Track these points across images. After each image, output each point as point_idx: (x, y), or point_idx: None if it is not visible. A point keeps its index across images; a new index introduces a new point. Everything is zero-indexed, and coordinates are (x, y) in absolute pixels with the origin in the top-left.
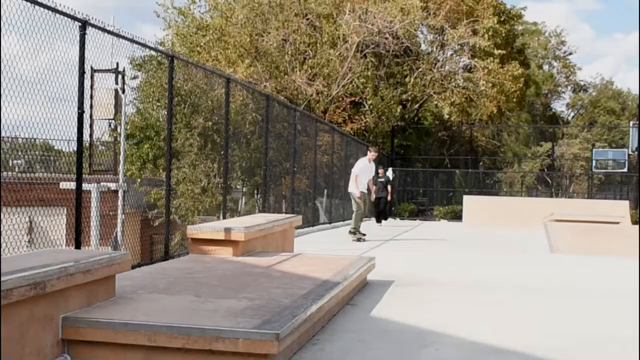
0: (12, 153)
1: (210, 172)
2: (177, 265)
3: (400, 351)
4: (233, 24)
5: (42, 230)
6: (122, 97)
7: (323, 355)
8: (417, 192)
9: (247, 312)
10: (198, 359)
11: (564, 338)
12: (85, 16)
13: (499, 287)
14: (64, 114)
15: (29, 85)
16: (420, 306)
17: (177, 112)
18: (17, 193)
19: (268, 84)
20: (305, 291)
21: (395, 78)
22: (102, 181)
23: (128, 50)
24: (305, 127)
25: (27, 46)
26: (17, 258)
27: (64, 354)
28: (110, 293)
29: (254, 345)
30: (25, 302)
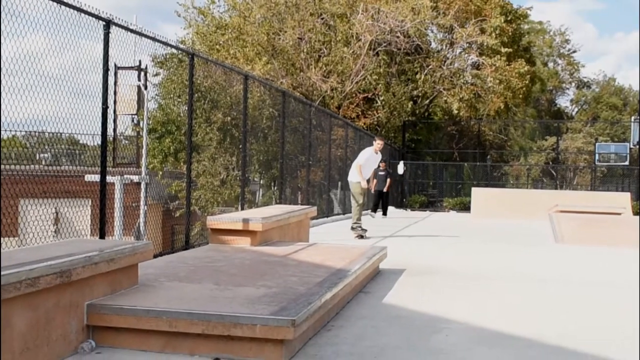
0: (39, 147)
1: (229, 165)
2: (197, 255)
3: (412, 337)
4: (251, 23)
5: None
6: (145, 93)
7: (337, 341)
8: (427, 184)
9: (264, 300)
10: (217, 345)
11: (569, 325)
12: (109, 15)
13: (506, 276)
14: (89, 110)
15: (55, 81)
16: (431, 294)
17: (197, 108)
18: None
19: (284, 81)
20: (320, 279)
21: (407, 75)
22: (125, 174)
23: (150, 48)
24: (320, 122)
25: (53, 44)
26: (44, 247)
27: (89, 339)
28: (133, 281)
29: (270, 331)
30: (51, 289)
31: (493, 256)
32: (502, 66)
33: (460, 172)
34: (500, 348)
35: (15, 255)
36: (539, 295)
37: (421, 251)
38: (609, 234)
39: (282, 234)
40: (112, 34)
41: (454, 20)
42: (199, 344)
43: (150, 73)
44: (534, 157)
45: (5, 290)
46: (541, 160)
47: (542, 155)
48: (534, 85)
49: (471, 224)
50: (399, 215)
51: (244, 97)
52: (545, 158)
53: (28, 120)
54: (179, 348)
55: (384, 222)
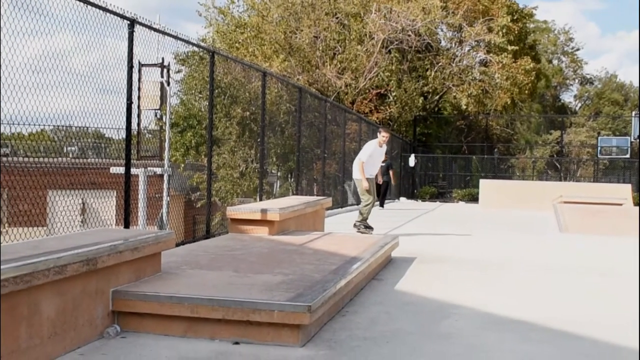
0: (66, 141)
1: (247, 158)
2: (218, 243)
3: (423, 322)
4: (269, 22)
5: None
6: (167, 89)
7: (351, 326)
8: (437, 176)
9: (282, 286)
10: (236, 329)
11: (572, 311)
12: (134, 15)
13: (512, 263)
14: (114, 105)
15: (82, 78)
16: (441, 281)
17: (217, 103)
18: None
19: (301, 77)
20: (335, 267)
21: (417, 72)
22: (148, 166)
23: (172, 46)
24: (335, 116)
25: (80, 42)
26: (71, 237)
27: (114, 324)
28: (156, 269)
29: (287, 317)
30: (78, 277)
31: (500, 245)
32: (508, 63)
33: (468, 165)
34: (506, 332)
35: (43, 244)
36: (543, 282)
37: (431, 240)
38: (610, 224)
39: (298, 223)
40: (136, 32)
41: (463, 19)
42: (219, 329)
43: (172, 70)
44: (539, 150)
45: (34, 278)
46: (546, 153)
47: (547, 148)
48: (539, 81)
49: (479, 214)
50: (410, 206)
51: (262, 92)
52: (550, 151)
53: (56, 115)
54: (200, 333)
55: (396, 212)
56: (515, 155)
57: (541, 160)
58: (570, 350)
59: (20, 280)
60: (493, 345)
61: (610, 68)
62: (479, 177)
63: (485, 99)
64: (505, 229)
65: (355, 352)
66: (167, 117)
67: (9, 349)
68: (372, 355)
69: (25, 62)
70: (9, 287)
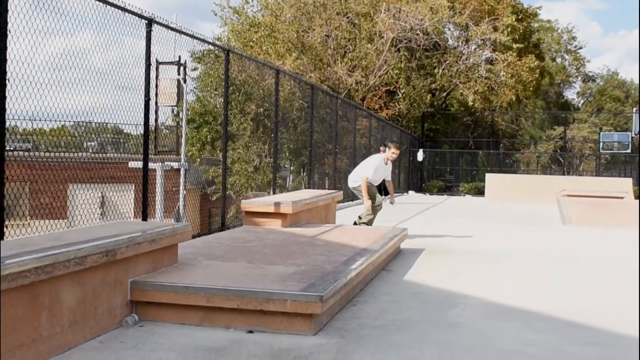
0: (86, 136)
1: (261, 153)
2: (233, 235)
3: (431, 311)
4: (282, 22)
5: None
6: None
7: (362, 315)
8: (444, 170)
9: (295, 277)
10: (251, 318)
11: (575, 300)
12: (151, 14)
13: (517, 254)
14: (132, 102)
15: (101, 76)
16: (448, 271)
17: (232, 100)
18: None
19: (313, 75)
20: (346, 258)
21: (425, 69)
22: (166, 161)
23: (189, 45)
24: (346, 113)
25: (100, 41)
26: (91, 229)
27: (133, 313)
28: (173, 260)
29: (300, 306)
30: (98, 268)
31: (505, 237)
32: (513, 61)
33: (475, 159)
34: (512, 321)
35: (64, 236)
36: (547, 272)
37: (439, 232)
38: (612, 216)
39: (310, 216)
40: (154, 31)
41: (469, 19)
42: (234, 318)
43: (189, 68)
44: (543, 146)
45: (55, 268)
46: (550, 148)
47: (551, 143)
48: (543, 79)
49: (485, 207)
50: (419, 199)
51: (275, 90)
52: (554, 146)
53: (76, 111)
54: (215, 322)
55: (404, 205)
56: (520, 150)
57: (545, 155)
58: (572, 338)
59: (41, 271)
60: (498, 333)
61: (612, 66)
62: (485, 172)
63: (491, 95)
64: (511, 222)
65: (366, 340)
66: (183, 113)
67: (31, 337)
68: (381, 343)
69: (46, 60)
70: (31, 277)
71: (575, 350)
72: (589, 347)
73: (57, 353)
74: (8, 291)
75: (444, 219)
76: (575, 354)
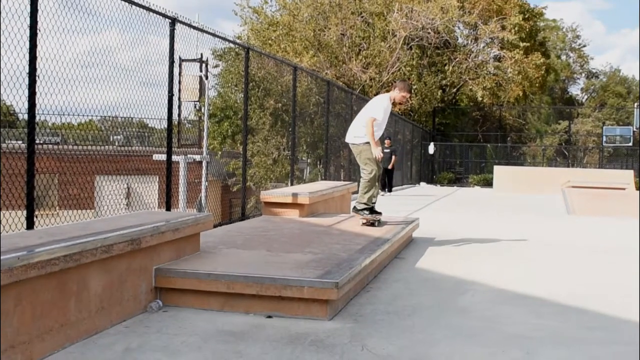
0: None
1: (280, 146)
2: (252, 225)
3: (441, 297)
4: (299, 21)
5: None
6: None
7: (375, 301)
8: (454, 162)
9: (311, 264)
10: (269, 304)
11: (578, 286)
12: (175, 14)
13: (524, 243)
14: (156, 97)
15: (127, 72)
16: (458, 259)
17: (252, 95)
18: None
19: (329, 72)
20: (360, 246)
21: (436, 66)
22: (188, 153)
23: (210, 43)
24: (360, 108)
25: (126, 39)
26: (117, 218)
27: (157, 299)
28: (195, 248)
29: (317, 292)
30: (124, 255)
31: (513, 226)
32: (520, 59)
33: (483, 152)
34: (519, 306)
35: (91, 226)
36: (552, 259)
37: (449, 222)
38: (614, 206)
39: (326, 206)
40: (177, 30)
41: (478, 18)
42: (254, 303)
43: (210, 65)
44: (549, 139)
45: (83, 256)
46: (555, 142)
47: (556, 137)
48: (549, 75)
49: (493, 198)
50: (430, 190)
51: (293, 86)
52: (559, 140)
53: (103, 106)
54: (235, 307)
55: (416, 196)
56: (527, 143)
57: (550, 148)
58: (576, 322)
59: (70, 259)
60: (506, 318)
61: (615, 63)
62: (493, 164)
63: (499, 91)
64: (517, 212)
65: (379, 324)
66: (205, 108)
67: (60, 322)
68: (394, 328)
69: (75, 57)
70: (60, 265)
71: (579, 334)
72: (592, 331)
73: (84, 337)
74: (38, 278)
75: (454, 209)
76: (579, 337)
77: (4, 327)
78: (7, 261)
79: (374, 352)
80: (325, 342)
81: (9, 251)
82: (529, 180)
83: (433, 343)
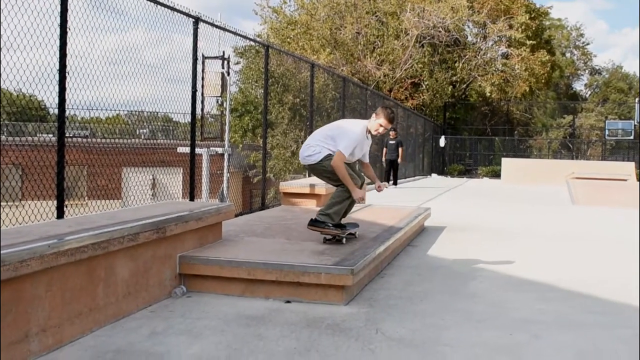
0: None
1: (298, 139)
2: (272, 214)
3: (451, 283)
4: (316, 20)
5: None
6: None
7: (389, 286)
8: (464, 155)
9: (328, 252)
10: (288, 290)
11: (582, 273)
12: (198, 13)
13: (530, 231)
14: (180, 93)
15: (152, 69)
16: (468, 247)
17: (271, 91)
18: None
19: (344, 68)
20: (375, 234)
21: (447, 63)
22: (211, 146)
23: (232, 41)
24: (375, 103)
25: (151, 38)
26: (143, 208)
27: (181, 285)
28: (217, 236)
29: (333, 279)
30: (149, 243)
31: (520, 215)
32: (527, 56)
33: (492, 145)
34: (526, 292)
35: (119, 215)
36: (557, 248)
37: (459, 211)
38: (616, 197)
39: None
40: (200, 29)
41: (487, 17)
42: (273, 289)
43: (232, 62)
44: (554, 133)
45: (110, 244)
46: (560, 135)
47: (561, 130)
48: (554, 72)
49: (501, 189)
50: (441, 182)
51: (310, 82)
52: (564, 133)
53: (130, 101)
54: (256, 293)
55: (427, 187)
56: (533, 136)
57: (555, 141)
58: (580, 307)
59: (98, 247)
60: (513, 303)
61: (617, 60)
62: (501, 156)
63: (507, 87)
64: (524, 202)
65: (392, 309)
66: (227, 103)
67: (89, 306)
68: (407, 312)
69: (103, 54)
70: (89, 252)
71: (582, 318)
72: (595, 316)
73: (112, 321)
74: (68, 265)
75: (463, 200)
76: (582, 321)
77: (36, 311)
78: (38, 249)
79: (388, 335)
80: (341, 325)
81: (40, 239)
82: (535, 172)
83: (444, 327)
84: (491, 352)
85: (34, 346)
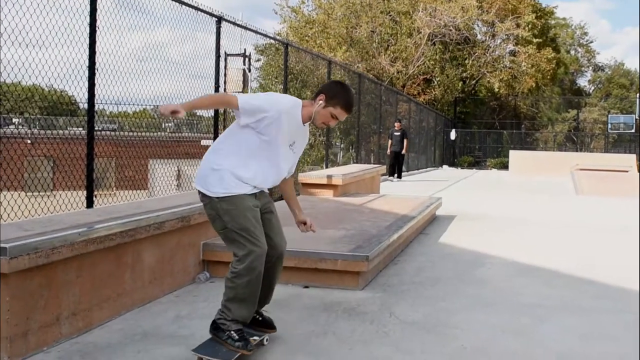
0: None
1: (315, 132)
2: None
3: (461, 269)
4: (333, 19)
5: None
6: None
7: (402, 272)
8: (473, 147)
9: (344, 240)
10: (306, 275)
11: (587, 260)
12: (220, 13)
13: (537, 220)
14: (204, 88)
15: (177, 66)
16: (477, 235)
17: (290, 87)
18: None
19: (360, 65)
20: (389, 223)
21: (457, 60)
22: None
23: (253, 39)
24: (388, 98)
25: (176, 36)
26: (169, 198)
27: (204, 271)
28: None
29: (349, 265)
30: (174, 232)
31: (527, 205)
32: (533, 53)
33: (500, 138)
34: (532, 278)
35: (145, 205)
36: (563, 235)
37: (469, 201)
38: (618, 187)
39: (358, 187)
40: (223, 27)
41: (495, 16)
42: (292, 274)
43: (253, 59)
44: (559, 126)
45: (137, 232)
46: (565, 129)
47: (566, 124)
48: (559, 68)
49: (509, 180)
50: (451, 173)
51: (327, 78)
52: (568, 127)
53: (156, 96)
54: None
55: (438, 178)
56: (539, 130)
57: (561, 135)
58: (584, 293)
59: (125, 235)
60: (520, 289)
61: (619, 57)
62: (509, 149)
63: (514, 83)
64: (531, 192)
65: (405, 294)
66: None
67: (117, 291)
68: (419, 297)
69: (130, 52)
70: (117, 240)
71: (587, 303)
72: (599, 300)
73: (138, 305)
74: (97, 252)
75: (473, 190)
76: (588, 306)
77: (67, 295)
78: (69, 236)
79: (401, 318)
80: (357, 309)
81: (71, 227)
82: (541, 164)
83: (454, 311)
84: (499, 334)
85: (65, 329)
